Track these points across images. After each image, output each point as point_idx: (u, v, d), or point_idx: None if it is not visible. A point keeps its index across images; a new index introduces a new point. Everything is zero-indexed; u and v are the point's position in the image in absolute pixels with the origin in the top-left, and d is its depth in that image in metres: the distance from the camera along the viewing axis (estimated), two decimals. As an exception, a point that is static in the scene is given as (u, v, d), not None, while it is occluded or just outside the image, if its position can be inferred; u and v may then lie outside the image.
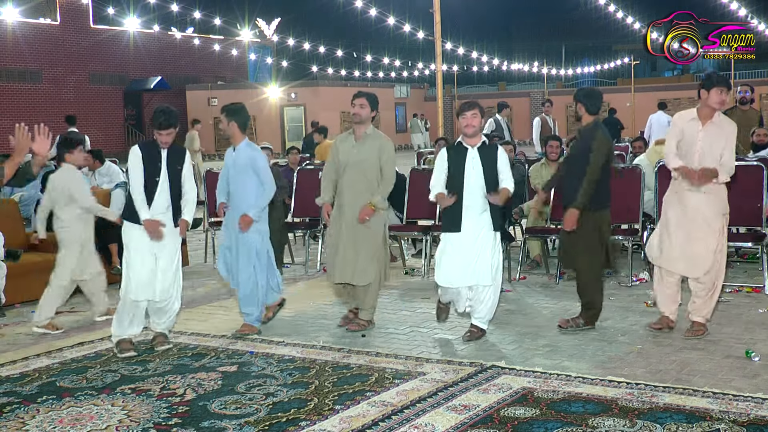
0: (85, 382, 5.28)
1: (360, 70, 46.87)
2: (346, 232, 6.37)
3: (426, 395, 4.77)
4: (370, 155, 6.35)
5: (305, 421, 4.43)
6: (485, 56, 45.90)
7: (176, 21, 37.75)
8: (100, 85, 36.29)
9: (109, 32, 36.48)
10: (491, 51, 48.39)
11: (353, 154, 6.38)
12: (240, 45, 42.65)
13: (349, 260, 6.34)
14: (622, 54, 54.33)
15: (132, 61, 37.51)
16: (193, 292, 8.17)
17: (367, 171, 6.35)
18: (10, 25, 32.96)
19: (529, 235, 8.54)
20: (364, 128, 6.42)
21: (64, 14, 34.85)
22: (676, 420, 4.25)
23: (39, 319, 6.65)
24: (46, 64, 34.15)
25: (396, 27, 28.83)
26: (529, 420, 4.33)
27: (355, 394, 4.83)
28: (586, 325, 6.24)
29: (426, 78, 49.84)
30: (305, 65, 43.28)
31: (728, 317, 6.43)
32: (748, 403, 4.45)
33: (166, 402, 4.83)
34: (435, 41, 15.50)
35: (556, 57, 56.39)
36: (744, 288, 7.39)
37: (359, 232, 6.34)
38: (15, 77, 33.17)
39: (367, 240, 6.36)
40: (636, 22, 32.08)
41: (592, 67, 55.45)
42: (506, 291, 7.69)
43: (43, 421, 4.58)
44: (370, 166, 6.35)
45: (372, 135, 6.42)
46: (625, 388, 4.78)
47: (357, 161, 6.36)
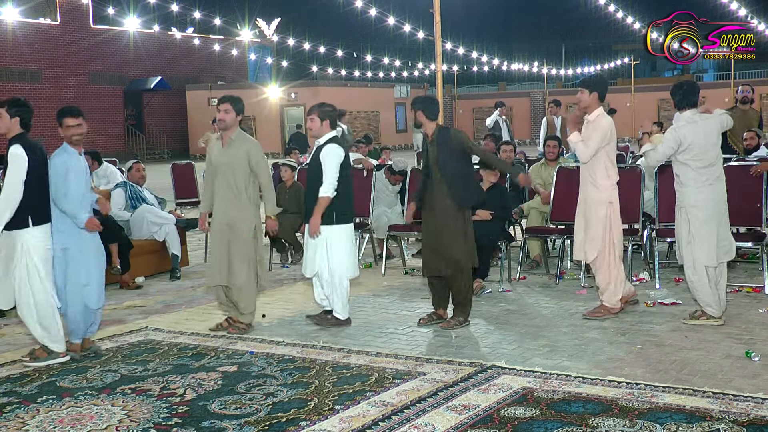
0: (85, 382, 5.28)
1: (360, 70, 46.86)
2: (217, 236, 6.46)
3: (426, 395, 4.76)
4: (236, 160, 6.36)
5: (305, 421, 4.43)
6: (485, 56, 45.88)
7: (176, 21, 37.76)
8: (100, 85, 36.31)
9: (109, 32, 36.50)
10: (491, 51, 48.37)
11: (221, 160, 6.41)
12: (240, 45, 42.66)
13: (222, 263, 6.38)
14: (622, 54, 54.36)
15: (132, 61, 37.53)
16: (193, 292, 8.17)
17: (236, 175, 6.36)
18: (10, 25, 32.98)
19: (529, 235, 8.54)
20: (230, 133, 6.42)
21: (64, 14, 34.87)
22: (676, 420, 4.25)
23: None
24: (46, 64, 34.18)
25: (396, 27, 28.81)
26: (529, 420, 4.33)
27: (355, 394, 4.83)
28: (465, 321, 6.46)
29: (426, 78, 49.83)
30: (305, 65, 43.27)
31: (728, 317, 6.42)
32: (748, 403, 4.45)
33: (166, 402, 4.83)
34: (435, 41, 15.49)
35: (556, 57, 56.42)
36: (744, 288, 7.39)
37: (226, 235, 6.39)
38: (15, 77, 33.19)
39: (236, 242, 6.37)
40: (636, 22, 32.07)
41: (592, 67, 55.44)
42: (506, 291, 7.70)
43: (43, 421, 4.58)
44: (237, 170, 6.36)
45: (238, 139, 6.40)
46: (625, 388, 4.78)
47: (224, 166, 6.37)
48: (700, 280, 6.17)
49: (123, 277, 8.46)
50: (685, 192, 6.21)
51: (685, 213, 6.23)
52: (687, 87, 6.31)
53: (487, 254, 7.71)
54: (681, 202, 6.28)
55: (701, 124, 6.16)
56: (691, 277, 6.24)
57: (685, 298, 7.01)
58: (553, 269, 8.32)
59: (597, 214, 6.51)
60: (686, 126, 6.16)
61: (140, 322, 6.97)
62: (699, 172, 6.13)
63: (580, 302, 7.12)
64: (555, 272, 8.17)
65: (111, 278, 8.56)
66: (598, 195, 6.49)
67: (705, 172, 6.14)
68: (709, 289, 6.17)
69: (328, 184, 6.36)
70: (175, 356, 5.83)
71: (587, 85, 6.50)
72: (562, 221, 8.19)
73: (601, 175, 6.47)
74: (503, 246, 7.95)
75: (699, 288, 6.20)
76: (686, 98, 6.24)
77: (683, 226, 6.24)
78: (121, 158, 20.05)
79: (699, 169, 6.13)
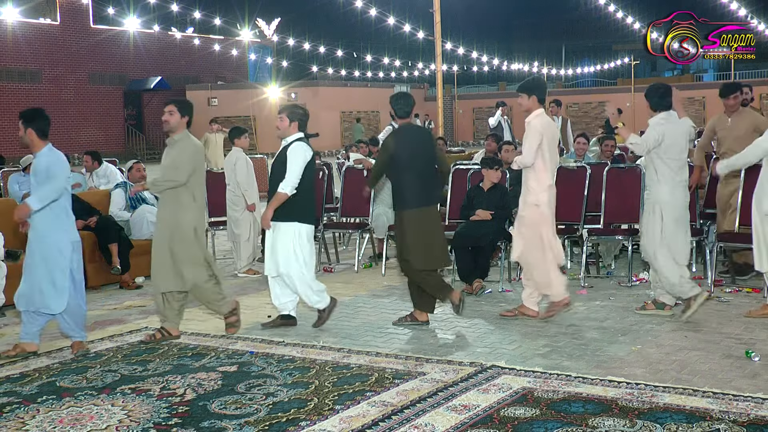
0: (85, 382, 5.28)
1: (360, 70, 46.90)
2: (158, 238, 6.40)
3: (426, 395, 4.76)
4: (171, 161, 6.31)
5: (305, 421, 4.43)
6: (485, 56, 45.94)
7: (176, 21, 37.83)
8: (100, 85, 36.31)
9: (109, 32, 36.51)
10: (491, 51, 48.44)
11: (163, 162, 6.39)
12: (240, 45, 42.68)
13: (167, 267, 6.27)
14: (622, 54, 54.40)
15: (132, 61, 37.54)
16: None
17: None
18: (10, 25, 32.98)
19: (529, 235, 8.52)
20: (174, 135, 6.37)
21: (64, 14, 34.87)
22: (676, 420, 4.25)
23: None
24: (46, 64, 34.18)
25: (396, 27, 28.85)
26: (529, 420, 4.33)
27: (355, 394, 4.83)
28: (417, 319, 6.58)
29: (426, 78, 49.88)
30: (305, 65, 43.32)
31: (728, 317, 6.43)
32: (748, 403, 4.45)
33: (166, 402, 4.83)
34: (435, 41, 15.52)
35: (556, 57, 56.43)
36: (744, 288, 7.39)
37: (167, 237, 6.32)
38: (15, 77, 33.19)
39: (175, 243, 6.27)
40: (636, 22, 32.11)
41: (592, 67, 55.50)
42: (506, 291, 7.70)
43: (43, 421, 4.58)
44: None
45: (179, 140, 6.33)
46: (625, 388, 4.78)
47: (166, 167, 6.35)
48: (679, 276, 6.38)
49: (123, 277, 8.47)
50: (661, 189, 6.42)
51: (659, 209, 6.42)
52: (663, 90, 6.56)
53: (487, 254, 7.71)
54: (655, 199, 6.47)
55: (676, 125, 6.44)
56: (667, 275, 6.40)
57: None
58: (553, 269, 8.31)
59: (524, 214, 6.61)
60: (665, 124, 6.41)
61: (140, 322, 6.97)
62: (675, 172, 6.40)
63: (580, 302, 7.12)
64: (555, 272, 8.15)
65: (111, 278, 8.59)
66: (527, 197, 6.60)
67: (680, 173, 6.43)
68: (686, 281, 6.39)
69: (288, 182, 6.32)
70: (175, 356, 5.83)
71: (526, 90, 6.62)
72: (562, 221, 8.18)
73: (531, 177, 6.57)
74: (503, 246, 7.94)
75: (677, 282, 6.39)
76: (663, 100, 6.51)
77: (657, 223, 6.42)
78: (121, 158, 20.05)
79: (675, 169, 6.40)
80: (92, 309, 7.62)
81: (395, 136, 6.55)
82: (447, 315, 6.84)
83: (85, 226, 8.55)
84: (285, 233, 6.41)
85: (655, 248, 6.43)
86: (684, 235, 6.48)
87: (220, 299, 6.44)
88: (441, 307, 6.99)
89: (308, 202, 6.52)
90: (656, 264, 6.47)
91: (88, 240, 8.46)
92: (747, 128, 7.78)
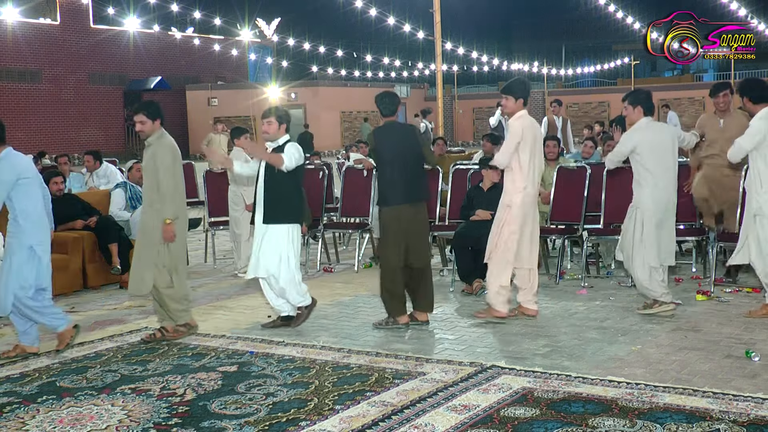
0: (85, 382, 5.28)
1: (360, 70, 46.89)
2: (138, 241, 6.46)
3: (426, 395, 4.77)
4: (147, 164, 6.34)
5: (305, 421, 4.43)
6: (485, 56, 45.92)
7: (176, 21, 37.78)
8: (100, 85, 36.28)
9: (109, 32, 36.48)
10: (491, 51, 48.42)
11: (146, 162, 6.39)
12: (240, 45, 42.65)
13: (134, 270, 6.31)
14: (622, 54, 54.37)
15: (132, 61, 37.50)
16: (194, 292, 8.16)
17: (149, 179, 6.32)
18: (10, 25, 32.95)
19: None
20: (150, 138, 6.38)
21: (64, 14, 34.84)
22: (676, 420, 4.25)
23: None
24: (46, 64, 34.15)
25: (396, 27, 28.85)
26: (529, 420, 4.33)
27: (355, 394, 4.83)
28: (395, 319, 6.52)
29: (426, 78, 49.84)
30: (305, 65, 43.31)
31: (728, 317, 6.43)
32: (748, 403, 4.45)
33: (166, 402, 4.83)
34: (435, 41, 15.52)
35: (556, 57, 56.38)
36: (744, 288, 7.39)
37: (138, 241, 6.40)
38: (15, 77, 33.16)
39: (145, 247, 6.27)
40: (636, 22, 32.12)
41: (592, 67, 55.45)
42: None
43: (43, 421, 4.58)
44: (148, 173, 6.32)
45: (153, 143, 6.34)
46: (625, 388, 4.78)
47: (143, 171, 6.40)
48: (650, 277, 6.48)
49: (123, 277, 8.46)
50: (642, 193, 6.52)
51: (640, 214, 6.50)
52: (644, 95, 6.71)
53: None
54: (636, 203, 6.57)
55: (654, 132, 6.53)
56: (639, 276, 6.53)
57: (684, 298, 7.03)
58: (553, 269, 8.32)
59: (498, 215, 6.64)
60: (643, 130, 6.51)
61: (140, 322, 6.97)
62: (658, 176, 6.46)
63: (580, 302, 7.12)
64: (555, 272, 8.17)
65: (111, 278, 8.59)
66: (503, 197, 6.63)
67: (664, 176, 6.48)
68: (657, 284, 6.49)
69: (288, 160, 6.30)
70: (175, 356, 5.83)
71: (511, 92, 6.62)
72: (562, 221, 8.20)
73: (508, 178, 6.60)
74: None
75: (648, 285, 6.51)
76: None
77: (635, 226, 6.51)
78: (121, 158, 20.06)
79: (658, 173, 6.46)
80: (92, 309, 7.65)
81: (376, 133, 6.63)
82: (447, 315, 6.85)
83: (85, 226, 8.57)
84: (275, 236, 6.41)
85: (630, 251, 6.54)
86: (668, 237, 6.57)
87: (180, 309, 6.35)
88: (441, 307, 7.00)
89: (298, 202, 6.54)
90: (631, 265, 6.59)
91: (88, 240, 8.47)
92: (739, 130, 7.78)
